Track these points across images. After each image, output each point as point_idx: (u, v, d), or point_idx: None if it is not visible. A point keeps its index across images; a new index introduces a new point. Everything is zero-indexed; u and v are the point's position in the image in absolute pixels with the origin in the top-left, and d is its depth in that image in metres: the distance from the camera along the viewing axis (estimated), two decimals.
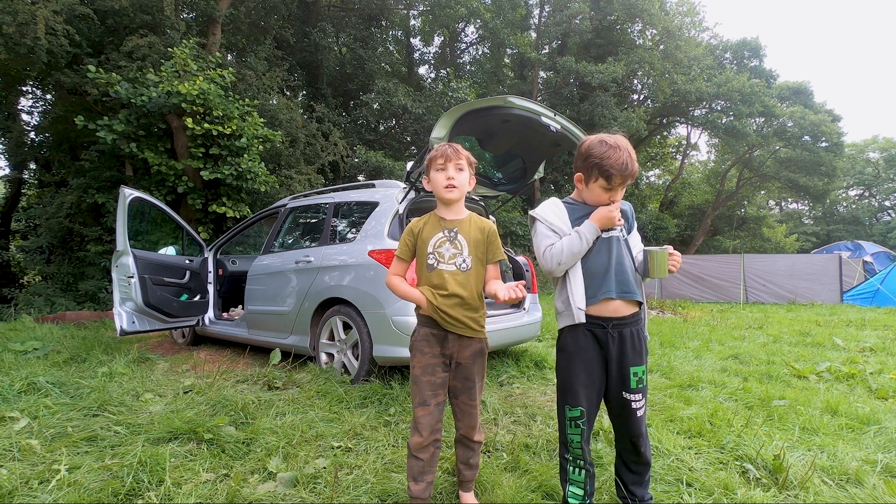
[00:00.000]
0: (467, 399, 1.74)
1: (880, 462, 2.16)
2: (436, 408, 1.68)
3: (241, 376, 3.54)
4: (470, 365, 1.72)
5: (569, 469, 1.69)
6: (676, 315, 8.75)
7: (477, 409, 1.77)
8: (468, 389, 1.73)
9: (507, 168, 4.26)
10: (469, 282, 1.70)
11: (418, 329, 1.76)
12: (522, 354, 4.38)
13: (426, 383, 1.68)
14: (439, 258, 1.71)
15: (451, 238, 1.72)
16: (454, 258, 1.70)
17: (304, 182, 9.64)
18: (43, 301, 7.83)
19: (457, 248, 1.71)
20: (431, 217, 1.79)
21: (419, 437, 1.66)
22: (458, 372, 1.73)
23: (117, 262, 4.15)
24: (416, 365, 1.72)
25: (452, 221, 1.74)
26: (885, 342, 5.43)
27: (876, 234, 28.72)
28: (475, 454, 1.79)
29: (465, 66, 18.97)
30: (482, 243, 1.73)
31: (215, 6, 9.30)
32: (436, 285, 1.68)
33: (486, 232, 1.75)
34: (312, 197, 4.57)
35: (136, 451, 2.10)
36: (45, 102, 10.91)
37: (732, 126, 17.74)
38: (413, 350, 1.75)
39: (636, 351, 1.65)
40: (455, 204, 1.75)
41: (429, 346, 1.71)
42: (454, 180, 1.70)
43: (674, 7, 19.40)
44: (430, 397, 1.68)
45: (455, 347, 1.71)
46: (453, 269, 1.69)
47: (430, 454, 1.67)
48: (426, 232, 1.75)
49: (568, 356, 1.69)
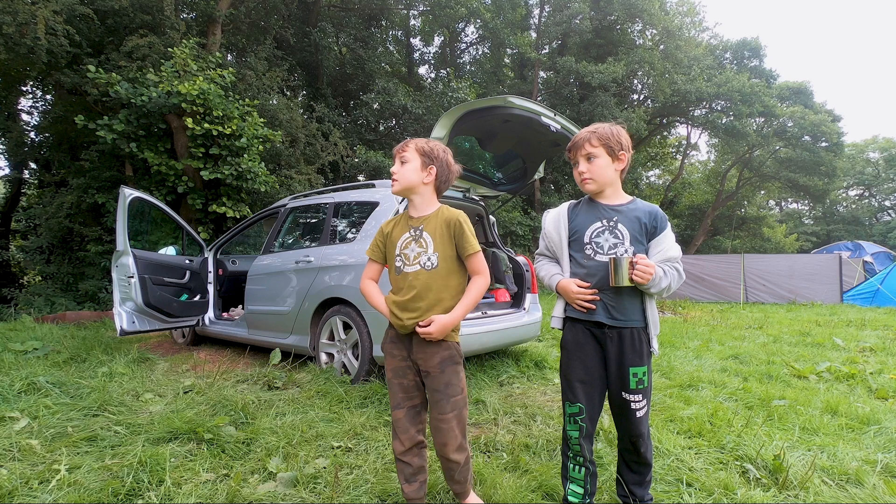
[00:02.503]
0: (436, 413, 1.61)
1: (880, 462, 2.16)
2: (410, 411, 1.64)
3: (241, 376, 3.54)
4: (438, 375, 1.59)
5: (569, 466, 1.70)
6: (676, 315, 8.75)
7: (451, 425, 1.59)
8: (436, 402, 1.60)
9: (507, 168, 4.26)
10: (435, 281, 1.59)
11: (388, 331, 1.72)
12: (522, 354, 4.38)
13: (397, 386, 1.65)
14: (405, 260, 1.64)
15: (416, 237, 1.65)
16: (419, 257, 1.62)
17: (304, 182, 9.64)
18: (43, 301, 7.83)
19: (422, 246, 1.63)
20: (402, 217, 1.73)
21: (398, 442, 1.63)
22: (428, 383, 1.63)
23: (117, 262, 4.15)
24: (388, 367, 1.68)
25: (418, 219, 1.67)
26: (885, 342, 5.43)
27: (876, 234, 28.71)
28: (458, 470, 1.64)
29: (465, 66, 18.94)
30: (448, 238, 1.62)
31: (215, 6, 9.30)
32: (400, 289, 1.64)
33: (452, 225, 1.62)
34: (312, 197, 4.57)
35: (137, 451, 2.10)
36: (45, 102, 10.90)
37: (732, 126, 17.73)
38: (384, 352, 1.71)
39: (636, 352, 1.63)
40: (414, 198, 1.68)
41: (396, 349, 1.67)
42: (395, 174, 1.66)
43: (674, 7, 19.40)
44: (402, 400, 1.64)
45: (420, 354, 1.61)
46: (417, 268, 1.61)
47: (416, 456, 1.63)
48: (395, 233, 1.69)
49: (567, 353, 1.71)
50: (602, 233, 1.68)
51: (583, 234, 1.70)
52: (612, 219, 1.68)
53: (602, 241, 1.67)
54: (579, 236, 1.71)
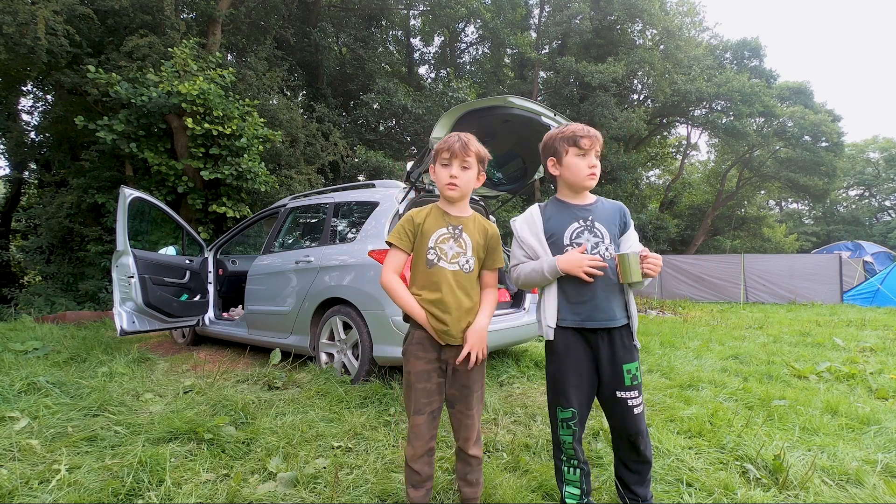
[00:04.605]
0: (464, 408, 1.62)
1: (880, 462, 2.16)
2: (429, 416, 1.59)
3: (241, 376, 3.54)
4: (467, 371, 1.59)
5: (564, 469, 1.70)
6: (676, 315, 8.75)
7: (475, 420, 1.62)
8: (465, 398, 1.61)
9: (508, 168, 4.26)
10: (471, 285, 1.61)
11: (412, 332, 1.64)
12: (522, 354, 4.38)
13: (421, 390, 1.58)
14: (441, 255, 1.58)
15: (455, 235, 1.60)
16: (457, 257, 1.59)
17: (304, 182, 9.64)
18: (43, 301, 7.83)
19: (461, 247, 1.60)
20: (434, 209, 1.65)
21: (412, 448, 1.58)
22: (455, 379, 1.61)
23: (117, 262, 4.15)
24: (410, 371, 1.60)
25: (457, 218, 1.63)
26: (885, 342, 5.43)
27: (876, 234, 28.69)
28: (474, 470, 1.64)
29: (465, 66, 18.93)
30: (483, 247, 1.65)
31: (215, 6, 9.30)
32: (431, 285, 1.56)
33: (489, 236, 1.66)
34: (312, 197, 4.57)
35: (137, 451, 2.10)
36: (45, 102, 10.92)
37: (732, 126, 17.72)
38: (407, 355, 1.63)
39: (626, 348, 1.65)
40: (459, 202, 1.66)
41: (423, 351, 1.60)
42: (457, 179, 1.59)
43: (674, 7, 19.41)
44: (424, 405, 1.58)
45: (451, 353, 1.60)
46: (456, 268, 1.58)
47: (426, 464, 1.60)
48: (429, 224, 1.60)
49: (558, 357, 1.68)
50: (581, 233, 1.68)
51: (561, 237, 1.68)
52: (587, 218, 1.69)
53: (584, 240, 1.67)
54: (557, 239, 1.69)
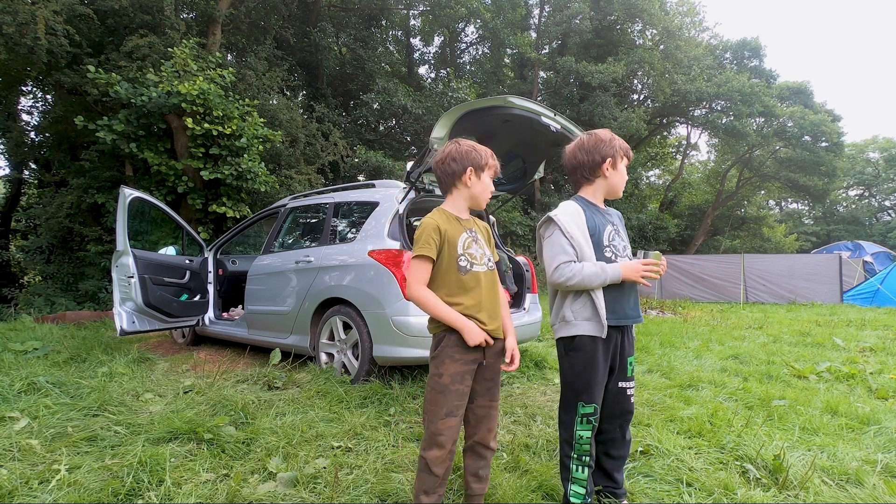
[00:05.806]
0: (487, 401, 1.64)
1: (880, 462, 2.16)
2: (460, 418, 1.59)
3: (241, 376, 3.54)
4: (493, 364, 1.64)
5: (572, 468, 1.70)
6: (676, 315, 8.75)
7: (497, 412, 1.67)
8: (488, 390, 1.64)
9: (508, 168, 4.26)
10: (496, 281, 1.68)
11: (447, 335, 1.58)
12: (522, 354, 4.37)
13: (455, 393, 1.55)
14: (472, 259, 1.61)
15: (474, 238, 1.66)
16: (483, 258, 1.65)
17: (304, 182, 9.64)
18: (43, 301, 7.83)
19: (481, 248, 1.66)
20: (446, 215, 1.65)
21: (440, 450, 1.54)
22: (480, 373, 1.62)
23: (117, 262, 4.15)
24: (445, 373, 1.55)
25: (467, 221, 1.69)
26: (885, 342, 5.43)
27: (876, 234, 28.70)
28: (487, 464, 1.67)
29: (465, 66, 18.94)
30: (488, 243, 1.74)
31: (215, 6, 9.30)
32: (468, 290, 1.58)
33: (487, 231, 1.75)
34: (312, 197, 4.57)
35: (137, 451, 2.10)
36: (45, 102, 10.92)
37: (732, 126, 17.74)
38: (442, 357, 1.57)
39: (631, 342, 1.78)
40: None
41: (462, 352, 1.56)
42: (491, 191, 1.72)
43: (674, 7, 19.43)
44: (457, 407, 1.56)
45: (491, 351, 1.64)
46: (485, 269, 1.64)
47: (447, 468, 1.58)
48: (451, 232, 1.61)
49: (586, 354, 1.68)
50: (614, 235, 1.76)
51: (601, 237, 1.71)
52: (614, 223, 1.79)
53: (617, 243, 1.74)
54: (598, 239, 1.71)
